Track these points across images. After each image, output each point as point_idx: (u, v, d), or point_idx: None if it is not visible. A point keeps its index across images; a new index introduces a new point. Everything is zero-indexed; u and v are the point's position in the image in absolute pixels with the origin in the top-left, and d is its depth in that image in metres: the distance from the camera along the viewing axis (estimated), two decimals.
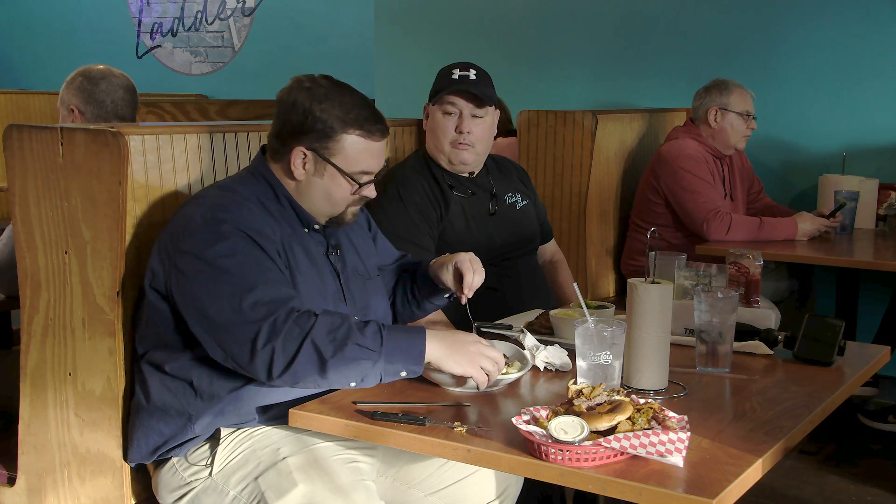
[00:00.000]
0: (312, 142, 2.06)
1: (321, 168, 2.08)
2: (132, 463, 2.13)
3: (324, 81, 2.10)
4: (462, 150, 2.76)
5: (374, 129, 2.09)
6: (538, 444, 1.61)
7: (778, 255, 3.62)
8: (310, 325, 1.86)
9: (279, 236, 2.03)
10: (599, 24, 5.07)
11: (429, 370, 1.99)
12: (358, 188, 2.10)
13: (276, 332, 1.85)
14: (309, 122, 2.04)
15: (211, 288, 1.91)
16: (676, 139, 3.93)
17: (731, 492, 1.52)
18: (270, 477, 1.98)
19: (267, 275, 1.94)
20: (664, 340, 1.98)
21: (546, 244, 3.13)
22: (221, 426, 2.04)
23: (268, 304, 1.88)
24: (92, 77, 2.96)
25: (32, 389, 2.24)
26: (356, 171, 2.09)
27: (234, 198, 2.04)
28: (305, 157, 2.07)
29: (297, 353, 1.85)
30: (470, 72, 2.77)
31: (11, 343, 3.37)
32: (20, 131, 2.17)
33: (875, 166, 4.33)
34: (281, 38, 6.94)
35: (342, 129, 2.05)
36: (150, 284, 2.02)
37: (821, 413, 1.91)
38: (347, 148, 2.07)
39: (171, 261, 1.98)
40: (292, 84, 2.11)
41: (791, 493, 3.45)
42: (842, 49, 4.48)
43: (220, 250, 1.93)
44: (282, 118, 2.09)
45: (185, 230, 1.97)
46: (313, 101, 2.05)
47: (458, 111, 2.75)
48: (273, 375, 1.87)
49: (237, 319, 1.87)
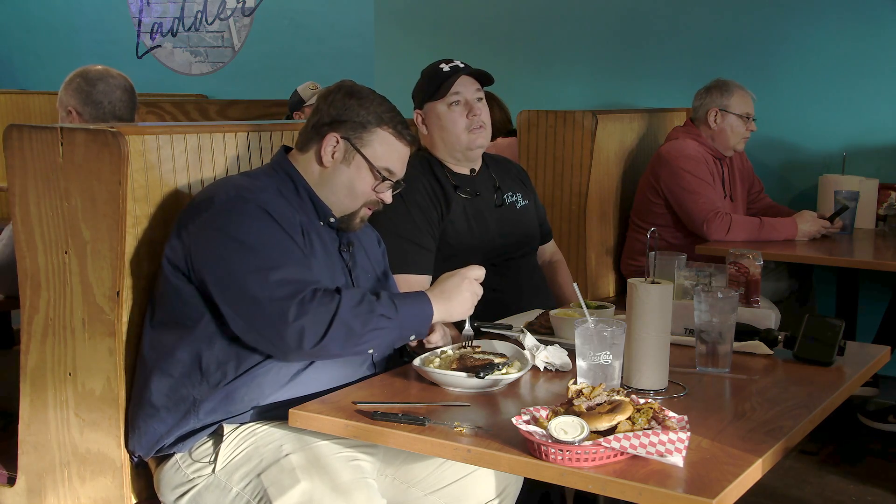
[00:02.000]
0: (347, 130, 2.17)
1: (350, 157, 2.18)
2: (135, 455, 2.13)
3: (366, 88, 2.24)
4: (478, 133, 2.80)
5: (405, 133, 2.22)
6: (538, 444, 1.61)
7: (778, 255, 3.62)
8: (336, 304, 1.94)
9: (299, 227, 2.10)
10: (599, 23, 5.07)
11: (429, 370, 1.99)
12: (380, 184, 2.19)
13: (304, 310, 1.92)
14: (347, 114, 2.17)
15: (237, 263, 1.98)
16: (676, 139, 3.93)
17: (731, 492, 1.52)
18: (273, 474, 1.98)
19: (290, 255, 2.02)
20: (664, 340, 1.98)
21: (545, 244, 3.13)
22: (224, 416, 2.05)
23: (294, 282, 1.96)
24: (89, 78, 2.96)
25: (32, 389, 2.24)
26: (381, 167, 2.20)
27: (256, 182, 2.13)
28: (337, 144, 2.17)
29: (327, 330, 1.93)
30: (456, 62, 2.82)
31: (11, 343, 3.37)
32: (20, 131, 2.17)
33: (875, 166, 4.33)
34: (281, 38, 6.93)
35: (378, 123, 2.18)
36: (169, 260, 2.06)
37: (821, 413, 1.91)
38: (379, 142, 2.19)
39: (194, 237, 2.02)
40: (337, 85, 2.24)
41: (791, 493, 3.45)
42: (842, 49, 4.48)
43: (246, 227, 2.00)
44: (320, 111, 2.21)
45: (210, 207, 2.04)
46: (353, 97, 2.19)
47: (462, 98, 2.77)
48: (304, 349, 1.94)
49: (265, 295, 1.94)
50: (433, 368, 2.02)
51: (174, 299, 2.06)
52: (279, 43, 6.93)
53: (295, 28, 6.86)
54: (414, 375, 2.07)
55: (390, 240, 2.66)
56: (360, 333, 1.96)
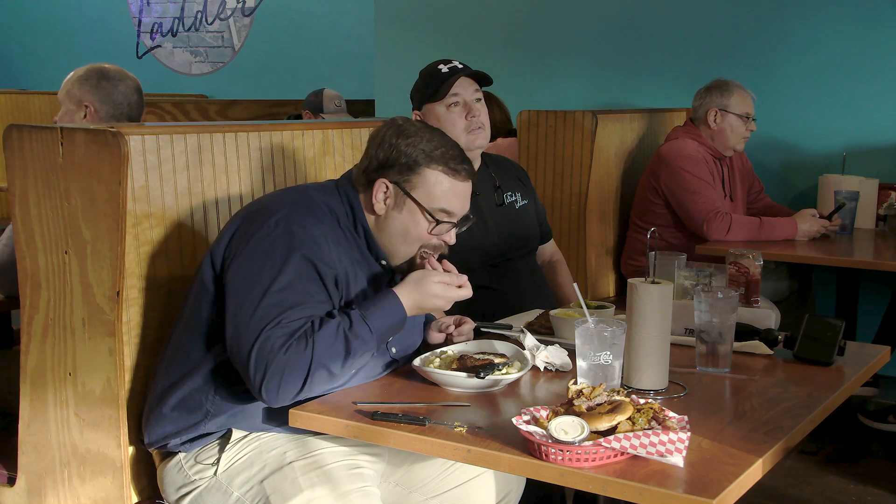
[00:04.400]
0: (395, 175, 2.07)
1: (401, 202, 2.08)
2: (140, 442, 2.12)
3: (417, 122, 2.15)
4: (477, 134, 2.79)
5: (460, 168, 2.10)
6: (538, 444, 1.61)
7: (778, 255, 3.62)
8: (310, 353, 1.87)
9: (343, 266, 2.03)
10: (599, 24, 5.07)
11: (429, 370, 1.99)
12: (436, 226, 2.09)
13: (279, 368, 1.86)
14: (394, 156, 2.07)
15: (247, 299, 1.92)
16: (676, 139, 3.93)
17: (731, 492, 1.52)
18: (275, 481, 1.98)
19: (306, 304, 1.93)
20: (664, 340, 1.98)
21: (545, 244, 3.13)
22: (233, 426, 2.04)
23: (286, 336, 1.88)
24: (112, 78, 2.95)
25: (32, 389, 2.24)
26: (436, 209, 2.08)
27: (314, 211, 2.04)
28: (387, 190, 2.08)
29: (305, 380, 1.87)
30: (454, 62, 2.81)
31: (11, 343, 3.37)
32: (20, 131, 2.17)
33: (875, 166, 4.33)
34: (281, 38, 6.94)
35: (426, 163, 2.07)
36: (212, 263, 2.02)
37: (821, 413, 1.91)
38: (429, 183, 2.07)
39: (234, 252, 1.98)
40: (386, 122, 2.14)
41: (791, 493, 3.45)
42: (842, 49, 4.48)
43: (275, 273, 1.92)
44: (370, 154, 2.12)
45: (260, 229, 1.97)
46: (401, 136, 2.08)
47: (461, 99, 2.77)
48: (285, 402, 1.90)
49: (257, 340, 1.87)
50: (433, 368, 2.02)
51: (203, 302, 2.02)
52: (279, 43, 6.94)
53: (295, 28, 6.86)
54: (414, 375, 2.07)
55: None
56: (339, 373, 1.91)
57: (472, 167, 2.14)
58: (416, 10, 5.58)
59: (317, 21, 6.77)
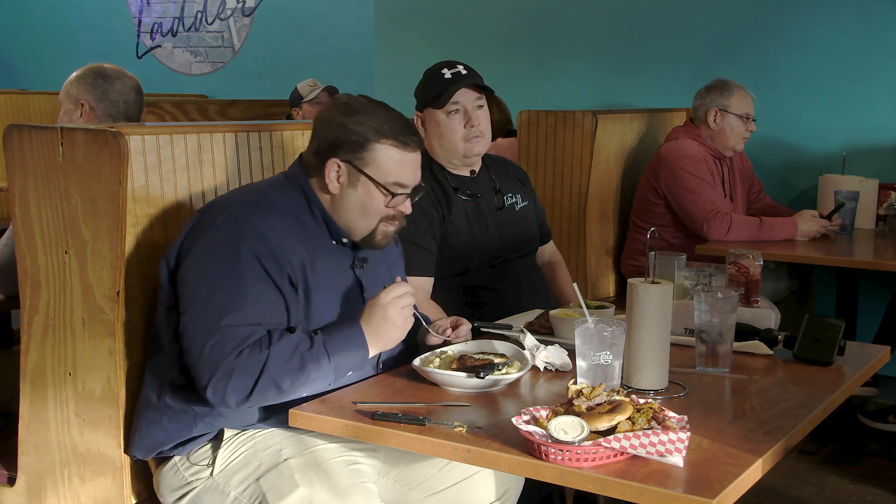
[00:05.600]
0: (346, 153, 2.09)
1: (355, 179, 2.10)
2: (133, 457, 2.13)
3: (360, 98, 2.16)
4: (475, 142, 2.79)
5: (408, 140, 2.12)
6: (538, 444, 1.61)
7: (778, 255, 3.62)
8: (263, 362, 1.89)
9: (299, 257, 2.03)
10: (599, 23, 5.07)
11: (429, 370, 1.99)
12: (392, 199, 2.11)
13: (228, 370, 1.89)
14: (343, 135, 2.08)
15: (197, 299, 1.95)
16: (676, 139, 3.93)
17: (731, 492, 1.52)
18: (272, 478, 1.98)
19: (255, 305, 1.94)
20: (664, 340, 1.98)
21: (545, 245, 3.13)
22: (224, 424, 2.05)
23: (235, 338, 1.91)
24: (108, 76, 2.94)
25: (32, 389, 2.24)
26: (389, 182, 2.10)
27: (262, 206, 2.05)
28: (339, 169, 2.10)
29: (252, 390, 1.90)
30: (458, 67, 2.80)
31: (11, 343, 3.37)
32: (20, 131, 2.17)
33: (875, 166, 4.33)
34: (281, 38, 6.93)
35: (375, 138, 2.08)
36: (167, 259, 2.04)
37: (821, 413, 1.91)
38: (380, 158, 2.09)
39: (188, 247, 2.00)
40: (330, 103, 2.16)
41: (791, 493, 3.45)
42: (842, 49, 4.48)
43: (226, 266, 1.95)
44: (318, 135, 2.13)
45: (208, 228, 2.00)
46: (347, 115, 2.10)
47: (462, 107, 2.77)
48: (230, 406, 1.94)
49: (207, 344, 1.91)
50: (433, 368, 2.02)
51: (170, 306, 2.04)
52: (279, 43, 6.93)
53: (295, 28, 6.86)
54: (414, 375, 2.07)
55: None
56: (287, 391, 1.92)
57: (419, 136, 2.16)
58: (416, 10, 5.58)
59: (317, 21, 6.76)
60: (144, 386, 2.10)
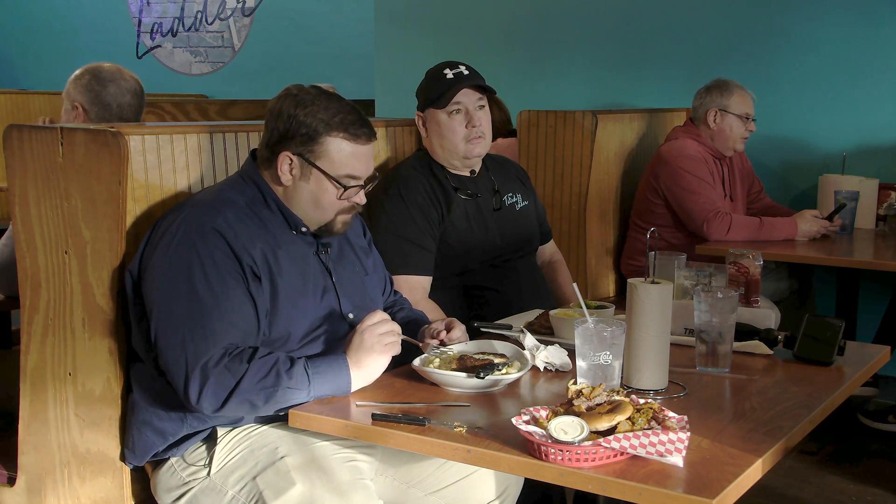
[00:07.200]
0: (297, 146, 2.09)
1: (307, 172, 2.10)
2: (130, 464, 2.13)
3: (311, 89, 2.14)
4: (476, 143, 2.79)
5: (360, 133, 2.11)
6: (538, 444, 1.61)
7: (778, 255, 3.62)
8: (241, 375, 1.90)
9: (259, 248, 2.04)
10: (599, 23, 5.07)
11: (429, 370, 1.99)
12: (344, 192, 2.11)
13: (206, 375, 1.90)
14: (294, 127, 2.08)
15: (163, 308, 1.96)
16: (676, 139, 3.93)
17: (731, 492, 1.52)
18: (269, 476, 1.98)
19: (222, 304, 1.95)
20: (664, 340, 1.98)
21: (545, 244, 3.13)
22: (215, 422, 2.04)
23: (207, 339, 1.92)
24: (101, 78, 2.93)
25: (32, 389, 2.24)
26: (342, 175, 2.10)
27: (214, 204, 2.06)
28: (291, 161, 2.10)
29: (227, 400, 1.91)
30: (460, 68, 2.80)
31: (11, 343, 3.37)
32: (20, 131, 2.17)
33: (875, 166, 4.33)
34: (281, 38, 6.93)
35: (326, 132, 2.08)
36: (130, 267, 2.06)
37: (821, 413, 1.91)
38: (332, 151, 2.09)
39: (149, 254, 2.02)
40: (280, 94, 2.14)
41: (791, 493, 3.45)
42: (842, 49, 4.48)
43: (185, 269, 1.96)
44: (269, 127, 2.13)
45: (166, 233, 2.01)
46: (298, 106, 2.09)
47: (463, 108, 2.77)
48: (205, 412, 1.95)
49: (180, 347, 1.92)
50: (433, 368, 2.02)
51: (140, 312, 2.05)
52: (279, 43, 6.94)
53: (295, 28, 6.86)
54: (414, 375, 2.07)
55: (391, 240, 2.66)
56: (261, 407, 1.92)
57: (371, 128, 2.14)
58: (416, 10, 5.58)
59: (317, 21, 6.77)
60: (132, 391, 2.10)
